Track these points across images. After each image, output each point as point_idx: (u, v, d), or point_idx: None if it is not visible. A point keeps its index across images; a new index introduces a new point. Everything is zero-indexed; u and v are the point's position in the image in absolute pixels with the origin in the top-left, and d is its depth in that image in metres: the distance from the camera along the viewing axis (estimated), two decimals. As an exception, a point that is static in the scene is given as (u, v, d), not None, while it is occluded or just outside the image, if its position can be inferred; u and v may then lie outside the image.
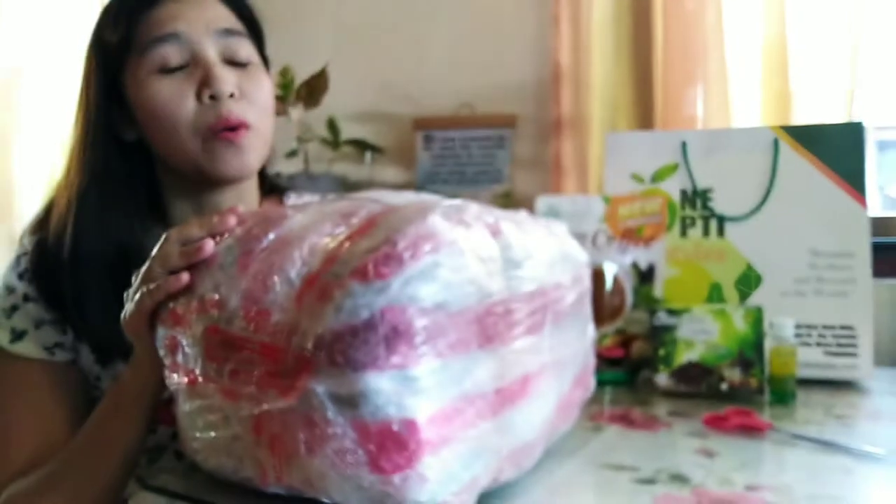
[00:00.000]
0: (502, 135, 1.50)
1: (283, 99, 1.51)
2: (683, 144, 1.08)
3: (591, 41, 1.36)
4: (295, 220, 0.51)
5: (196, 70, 0.71)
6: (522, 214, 0.60)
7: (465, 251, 0.45)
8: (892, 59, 1.20)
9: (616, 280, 0.93)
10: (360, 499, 0.43)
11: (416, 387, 0.41)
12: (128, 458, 0.63)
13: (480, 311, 0.46)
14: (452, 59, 1.59)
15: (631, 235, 1.00)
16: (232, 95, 0.71)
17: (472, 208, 0.51)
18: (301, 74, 1.50)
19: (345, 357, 0.41)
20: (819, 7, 1.24)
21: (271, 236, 0.50)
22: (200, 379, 0.49)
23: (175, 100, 0.70)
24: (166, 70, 0.70)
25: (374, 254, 0.42)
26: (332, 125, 1.57)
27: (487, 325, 0.47)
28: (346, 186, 1.59)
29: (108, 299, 0.67)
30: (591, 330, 0.67)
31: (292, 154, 1.59)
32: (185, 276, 0.51)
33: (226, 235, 0.53)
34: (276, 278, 0.46)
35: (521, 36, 1.52)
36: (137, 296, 0.54)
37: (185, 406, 0.51)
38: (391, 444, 0.41)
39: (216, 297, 0.49)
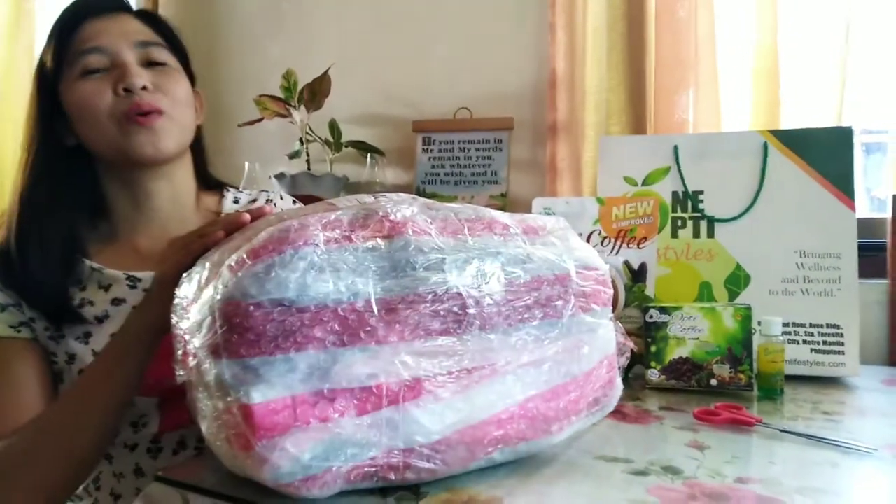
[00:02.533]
0: (500, 138, 1.51)
1: (287, 101, 1.53)
2: (675, 148, 1.10)
3: (585, 48, 1.37)
4: (262, 222, 0.56)
5: (115, 71, 0.80)
6: (484, 211, 0.59)
7: (319, 253, 0.47)
8: (880, 65, 1.22)
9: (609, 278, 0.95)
10: (233, 467, 0.50)
11: (252, 375, 0.46)
12: (115, 410, 0.68)
13: (343, 309, 0.48)
14: (451, 65, 1.60)
15: (624, 236, 1.02)
16: (145, 88, 0.80)
17: (388, 207, 0.52)
18: (304, 78, 1.52)
19: (200, 345, 0.48)
20: (809, 15, 1.27)
21: (235, 236, 0.57)
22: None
23: (95, 95, 0.79)
24: (89, 73, 0.79)
25: (234, 255, 0.48)
26: (333, 127, 1.58)
27: (352, 324, 0.48)
28: (348, 187, 1.61)
29: (55, 279, 0.78)
30: (598, 340, 0.62)
31: (295, 155, 1.62)
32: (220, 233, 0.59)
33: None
34: (205, 273, 0.52)
35: (518, 43, 1.53)
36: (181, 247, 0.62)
37: None
38: (234, 425, 0.46)
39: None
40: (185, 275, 0.55)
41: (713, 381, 0.87)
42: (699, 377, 0.88)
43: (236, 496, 0.51)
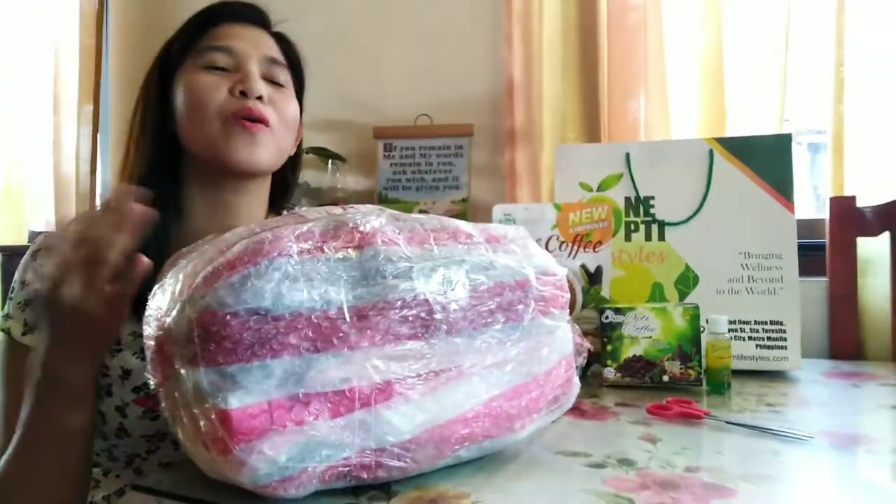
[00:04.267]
0: (460, 144, 1.54)
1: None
2: (627, 155, 1.15)
3: (541, 57, 1.42)
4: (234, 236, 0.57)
5: (237, 74, 0.80)
6: (449, 221, 0.61)
7: (293, 264, 0.49)
8: (816, 71, 1.29)
9: (567, 281, 0.99)
10: (211, 471, 0.51)
11: (230, 382, 0.47)
12: (71, 471, 0.67)
13: (316, 317, 0.49)
14: (411, 73, 1.63)
15: (580, 240, 1.06)
16: (260, 98, 0.79)
17: (358, 219, 0.54)
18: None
19: (177, 353, 0.49)
20: (752, 25, 1.34)
21: (207, 249, 0.57)
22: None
23: (210, 89, 0.78)
24: (212, 68, 0.80)
25: (208, 266, 0.50)
26: (293, 134, 1.59)
27: (325, 331, 0.50)
28: (309, 193, 1.61)
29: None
30: (556, 341, 0.64)
31: (255, 161, 1.62)
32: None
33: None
34: (178, 285, 0.53)
35: (476, 52, 1.57)
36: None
37: None
38: (212, 430, 0.48)
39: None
40: (157, 286, 0.57)
41: (665, 378, 0.92)
42: (652, 374, 0.92)
43: (213, 501, 0.53)
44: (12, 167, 1.88)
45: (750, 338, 1.06)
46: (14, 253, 1.60)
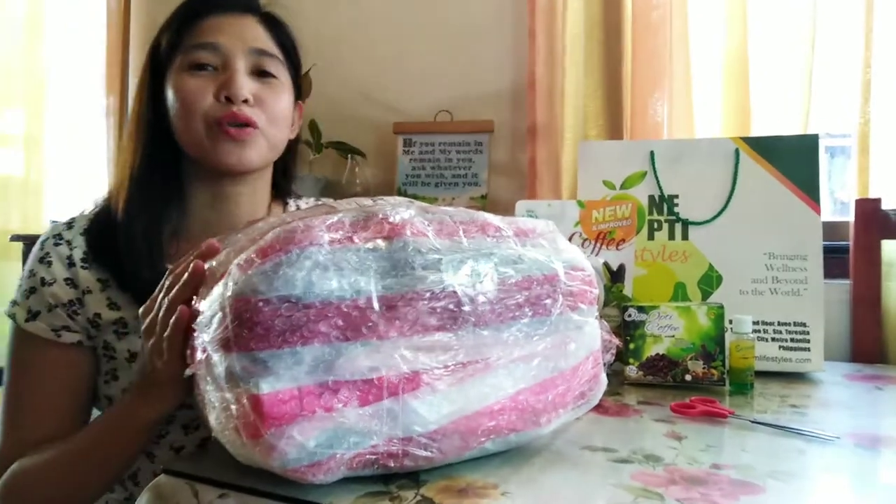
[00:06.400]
0: (479, 140, 1.54)
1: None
2: (651, 153, 1.14)
3: (564, 53, 1.41)
4: (266, 225, 0.58)
5: (223, 74, 0.79)
6: (477, 214, 0.61)
7: (324, 253, 0.50)
8: (843, 70, 1.28)
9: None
10: (241, 455, 0.52)
11: (261, 367, 0.48)
12: (123, 465, 0.70)
13: (346, 306, 0.50)
14: (432, 68, 1.63)
15: (603, 238, 1.05)
16: (246, 101, 0.79)
17: (387, 210, 0.55)
18: (284, 79, 1.53)
19: (209, 339, 0.50)
20: (777, 24, 1.33)
21: (240, 238, 0.58)
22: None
23: (196, 93, 0.78)
24: (198, 67, 0.79)
25: (241, 254, 0.51)
26: (313, 128, 1.59)
27: (355, 320, 0.50)
28: (328, 187, 1.62)
29: (150, 254, 0.78)
30: (584, 337, 0.64)
31: (274, 155, 1.63)
32: (184, 309, 0.56)
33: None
34: (215, 273, 0.54)
35: (498, 47, 1.57)
36: (165, 344, 0.58)
37: None
38: (243, 414, 0.49)
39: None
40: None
41: (688, 377, 0.91)
42: (675, 373, 0.92)
43: (242, 485, 0.53)
44: (31, 157, 1.91)
45: (773, 339, 1.05)
46: (35, 241, 1.63)
